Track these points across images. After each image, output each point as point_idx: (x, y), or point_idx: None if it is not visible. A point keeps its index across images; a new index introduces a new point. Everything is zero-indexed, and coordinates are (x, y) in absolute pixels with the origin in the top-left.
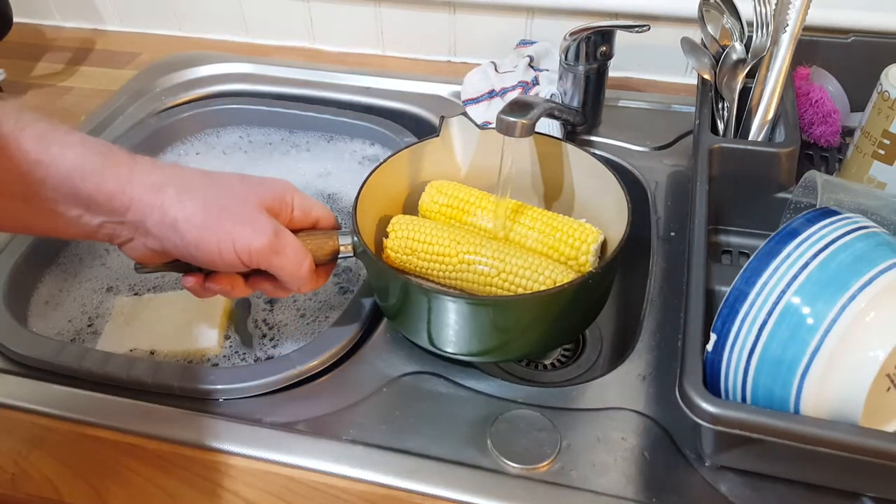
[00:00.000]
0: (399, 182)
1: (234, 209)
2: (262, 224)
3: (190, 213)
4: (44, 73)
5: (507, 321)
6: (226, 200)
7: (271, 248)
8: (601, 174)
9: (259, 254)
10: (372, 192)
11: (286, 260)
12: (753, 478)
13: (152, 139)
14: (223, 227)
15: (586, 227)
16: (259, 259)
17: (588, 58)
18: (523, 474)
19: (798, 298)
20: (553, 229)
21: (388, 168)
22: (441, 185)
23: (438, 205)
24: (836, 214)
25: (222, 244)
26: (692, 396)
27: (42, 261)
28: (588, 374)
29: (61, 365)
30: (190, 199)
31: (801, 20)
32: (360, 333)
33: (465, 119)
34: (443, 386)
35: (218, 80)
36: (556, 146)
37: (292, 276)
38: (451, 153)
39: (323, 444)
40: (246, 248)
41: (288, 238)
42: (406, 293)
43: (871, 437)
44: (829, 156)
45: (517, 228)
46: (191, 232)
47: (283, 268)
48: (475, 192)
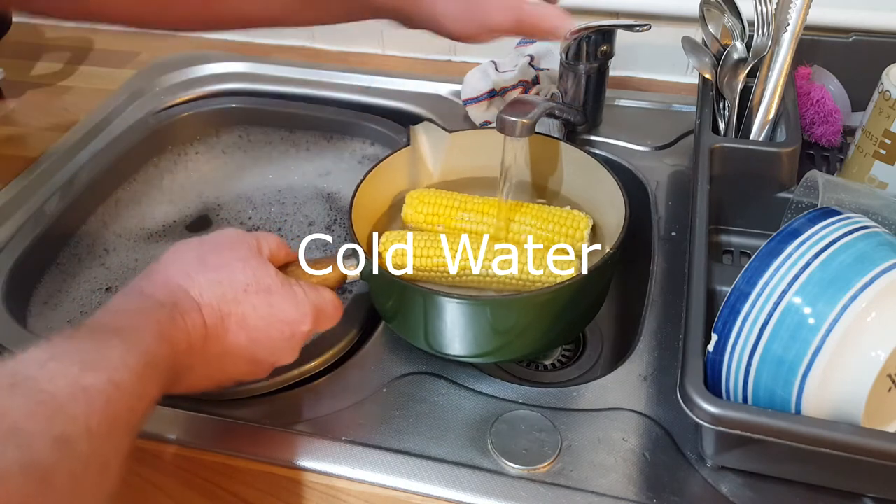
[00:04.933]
0: (381, 196)
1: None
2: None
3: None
4: (43, 72)
5: (505, 321)
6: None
7: (317, 327)
8: (596, 171)
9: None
10: (360, 213)
11: (331, 321)
12: (754, 478)
13: (152, 139)
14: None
15: (576, 214)
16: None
17: (589, 57)
18: (524, 475)
19: (799, 298)
20: (545, 221)
21: (368, 185)
22: (420, 194)
23: (424, 214)
24: (838, 214)
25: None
26: (693, 397)
27: (41, 261)
28: (589, 374)
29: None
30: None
31: (803, 19)
32: (360, 334)
33: (430, 125)
34: (443, 386)
35: (217, 80)
36: (551, 145)
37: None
38: (422, 160)
39: (323, 444)
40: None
41: (324, 301)
42: (403, 297)
43: (872, 438)
44: (830, 155)
45: (512, 226)
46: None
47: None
48: (455, 196)
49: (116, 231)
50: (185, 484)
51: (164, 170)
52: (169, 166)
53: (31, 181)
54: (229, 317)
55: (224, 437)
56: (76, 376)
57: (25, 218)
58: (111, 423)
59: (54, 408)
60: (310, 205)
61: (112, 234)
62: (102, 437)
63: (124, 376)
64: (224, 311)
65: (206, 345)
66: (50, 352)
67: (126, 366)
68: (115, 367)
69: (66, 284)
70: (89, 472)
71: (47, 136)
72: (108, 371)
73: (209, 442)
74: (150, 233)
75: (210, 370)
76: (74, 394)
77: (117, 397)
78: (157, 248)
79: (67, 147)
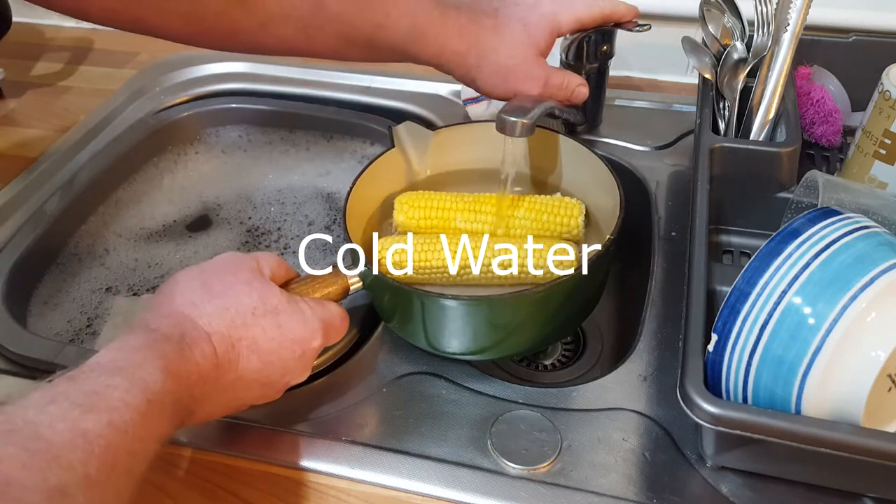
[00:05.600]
0: (374, 198)
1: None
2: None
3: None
4: (43, 72)
5: (504, 318)
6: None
7: (326, 341)
8: (593, 165)
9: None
10: (354, 217)
11: (340, 334)
12: (754, 478)
13: (151, 138)
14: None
15: (568, 202)
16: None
17: (589, 57)
18: (524, 475)
19: (799, 298)
20: (539, 212)
21: (360, 189)
22: (409, 198)
23: (416, 219)
24: (838, 214)
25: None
26: (693, 397)
27: (41, 261)
28: (589, 374)
29: (60, 365)
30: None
31: (803, 19)
32: (360, 334)
33: (411, 124)
34: (443, 386)
35: (217, 80)
36: (549, 138)
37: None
38: (408, 160)
39: (323, 444)
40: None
41: (331, 315)
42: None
43: (872, 438)
44: (830, 155)
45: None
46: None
47: (336, 340)
48: (446, 197)
49: (116, 231)
50: (185, 484)
51: (164, 170)
52: (169, 166)
53: (31, 181)
54: (240, 342)
55: (224, 437)
56: (76, 420)
57: (25, 218)
58: (111, 469)
59: (50, 457)
60: (309, 205)
61: (112, 234)
62: (101, 485)
63: (126, 417)
64: (234, 337)
65: (218, 373)
66: (51, 394)
67: (127, 406)
68: (115, 408)
69: (66, 284)
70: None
71: (47, 136)
72: (109, 413)
73: (209, 442)
74: (150, 233)
75: (225, 398)
76: (73, 440)
77: (118, 441)
78: (157, 248)
79: (67, 147)
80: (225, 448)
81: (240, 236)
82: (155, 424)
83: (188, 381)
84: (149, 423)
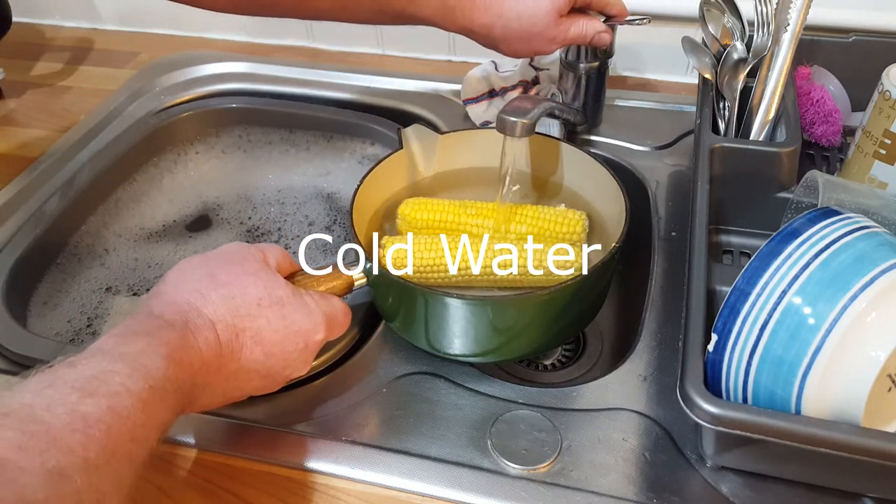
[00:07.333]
0: (379, 198)
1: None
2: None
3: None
4: (43, 72)
5: (507, 321)
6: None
7: (329, 335)
8: (597, 171)
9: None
10: (359, 216)
11: (342, 329)
12: (754, 478)
13: (151, 139)
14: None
15: (571, 213)
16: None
17: (588, 56)
18: (524, 475)
19: (799, 298)
20: (542, 223)
21: (366, 188)
22: (413, 205)
23: (419, 229)
24: (838, 214)
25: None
26: (693, 397)
27: (41, 261)
28: (589, 374)
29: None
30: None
31: (802, 19)
32: (360, 334)
33: (420, 127)
34: (443, 386)
35: (217, 80)
36: (552, 145)
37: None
38: (413, 162)
39: (323, 444)
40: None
41: (334, 309)
42: (404, 297)
43: (872, 438)
44: (830, 155)
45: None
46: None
47: (338, 334)
48: (449, 204)
49: (116, 231)
50: (185, 484)
51: (164, 170)
52: (169, 166)
53: (31, 181)
54: (244, 332)
55: (224, 437)
56: (75, 403)
57: (25, 218)
58: (111, 454)
59: (49, 439)
60: (309, 205)
61: (112, 234)
62: (101, 469)
63: (126, 403)
64: (239, 327)
65: (220, 362)
66: (49, 379)
67: (129, 392)
68: (116, 392)
69: (66, 284)
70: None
71: (47, 136)
72: (109, 398)
73: (209, 442)
74: (150, 233)
75: (225, 387)
76: (72, 423)
77: (118, 427)
78: (157, 248)
79: (67, 147)
80: (225, 448)
81: (240, 236)
82: (156, 411)
83: (190, 369)
84: (150, 410)
